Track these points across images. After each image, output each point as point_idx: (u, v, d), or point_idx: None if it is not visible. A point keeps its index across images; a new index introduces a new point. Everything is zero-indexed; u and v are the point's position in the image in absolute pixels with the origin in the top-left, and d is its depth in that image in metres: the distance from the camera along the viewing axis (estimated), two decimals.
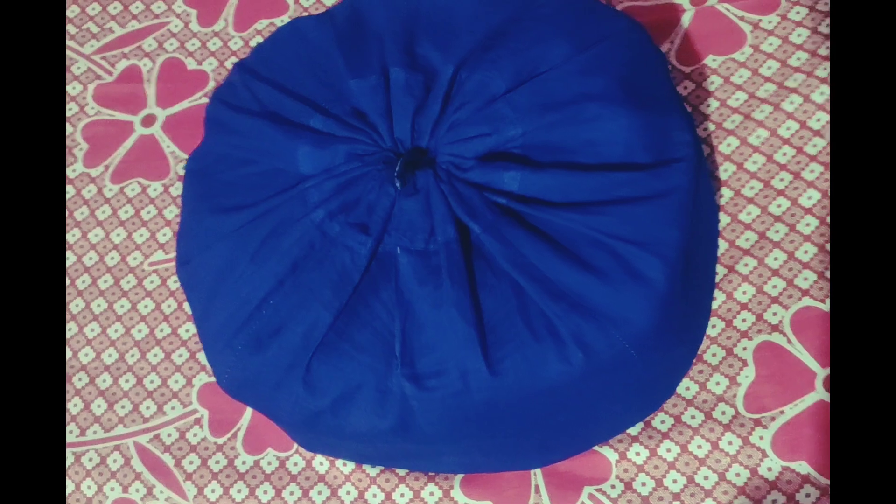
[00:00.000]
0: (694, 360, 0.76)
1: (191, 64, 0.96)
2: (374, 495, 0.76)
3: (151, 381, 0.84)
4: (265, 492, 0.78)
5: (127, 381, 0.85)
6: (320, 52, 0.68)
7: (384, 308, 0.61)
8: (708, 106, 0.86)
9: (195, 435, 0.82)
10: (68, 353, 0.86)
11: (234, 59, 0.96)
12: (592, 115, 0.62)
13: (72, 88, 0.99)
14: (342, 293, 0.61)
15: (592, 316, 0.59)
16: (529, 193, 0.61)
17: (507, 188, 0.62)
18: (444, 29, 0.67)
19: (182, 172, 0.91)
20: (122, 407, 0.84)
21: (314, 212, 0.63)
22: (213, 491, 0.80)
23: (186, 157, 0.91)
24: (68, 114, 0.97)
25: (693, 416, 0.75)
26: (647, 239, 0.60)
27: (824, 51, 0.85)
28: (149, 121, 0.95)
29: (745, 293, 0.78)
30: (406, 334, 0.60)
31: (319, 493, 0.78)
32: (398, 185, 0.60)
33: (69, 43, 1.01)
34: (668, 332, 0.62)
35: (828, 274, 0.77)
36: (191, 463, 0.81)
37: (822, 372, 0.74)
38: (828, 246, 0.78)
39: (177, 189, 0.91)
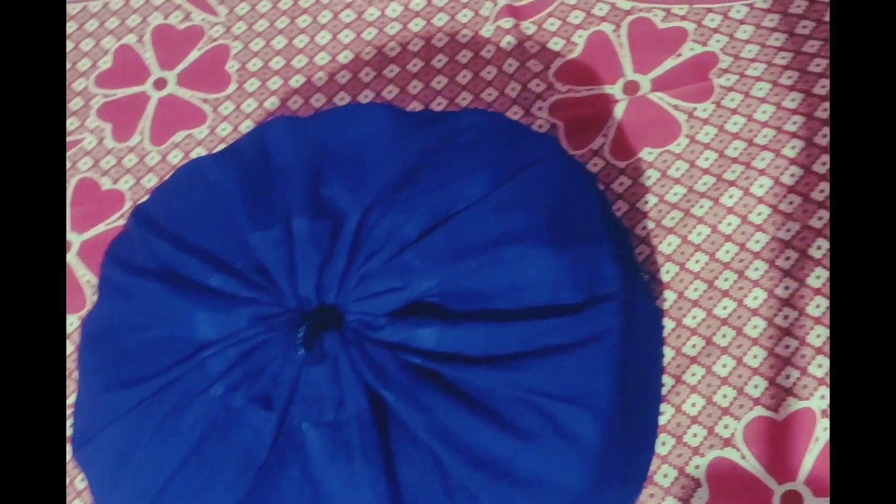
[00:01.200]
0: (644, 483, 0.72)
1: (105, 183, 0.92)
2: None
3: None
4: None
5: None
6: (222, 197, 0.64)
7: (294, 488, 0.56)
8: (645, 202, 0.83)
9: None
10: None
11: (151, 176, 0.91)
12: (513, 258, 0.58)
13: None
14: (246, 475, 0.56)
15: (520, 483, 0.55)
16: (447, 349, 0.57)
17: (423, 346, 0.57)
18: (354, 167, 0.63)
19: None
20: None
21: (214, 386, 0.58)
22: None
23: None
24: None
25: None
26: (577, 392, 0.56)
27: (761, 140, 0.82)
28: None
29: (694, 405, 0.75)
30: None
31: None
32: (301, 352, 0.56)
33: None
34: (605, 487, 0.58)
35: (778, 380, 0.74)
36: None
37: (778, 489, 0.71)
38: (777, 350, 0.75)
39: None
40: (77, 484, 0.79)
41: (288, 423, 0.58)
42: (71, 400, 0.81)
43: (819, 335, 0.75)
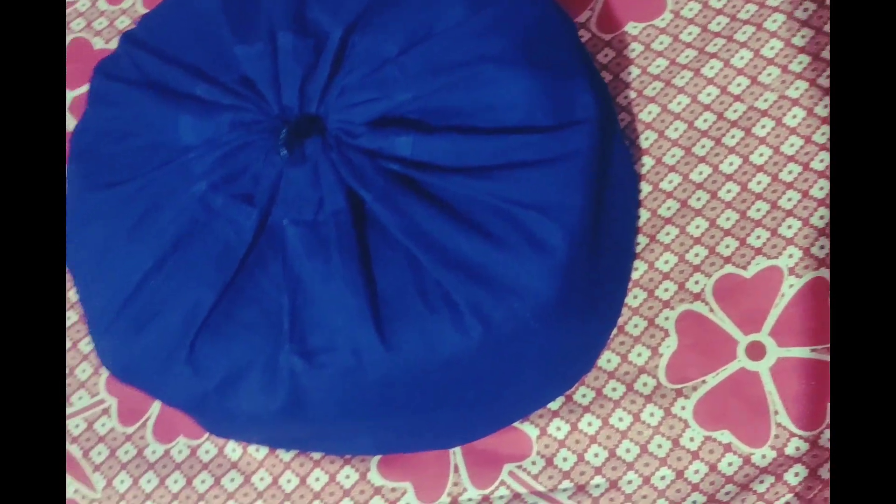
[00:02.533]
0: (615, 332, 0.74)
1: (98, 43, 0.93)
2: (289, 480, 0.74)
3: None
4: (175, 481, 0.76)
5: None
6: (207, 18, 0.65)
7: (272, 283, 0.58)
8: (629, 74, 0.85)
9: (103, 425, 0.79)
10: None
11: None
12: (490, 78, 0.60)
13: None
14: (226, 270, 0.58)
15: (491, 286, 0.57)
16: (423, 158, 0.59)
17: (400, 153, 0.59)
18: None
19: None
20: None
21: (196, 184, 0.60)
22: (121, 482, 0.77)
23: None
24: None
25: (614, 389, 0.73)
26: (547, 204, 0.57)
27: (744, 14, 0.84)
28: None
29: (666, 262, 0.77)
30: (295, 309, 0.57)
31: (232, 480, 0.75)
32: (284, 153, 0.57)
33: None
34: (571, 302, 0.60)
35: (749, 241, 0.76)
36: (99, 454, 0.78)
37: (743, 340, 0.73)
38: (749, 213, 0.77)
39: None
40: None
41: (269, 221, 0.59)
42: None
43: (790, 199, 0.77)
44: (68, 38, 0.93)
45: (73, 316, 0.82)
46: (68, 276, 0.83)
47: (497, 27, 0.61)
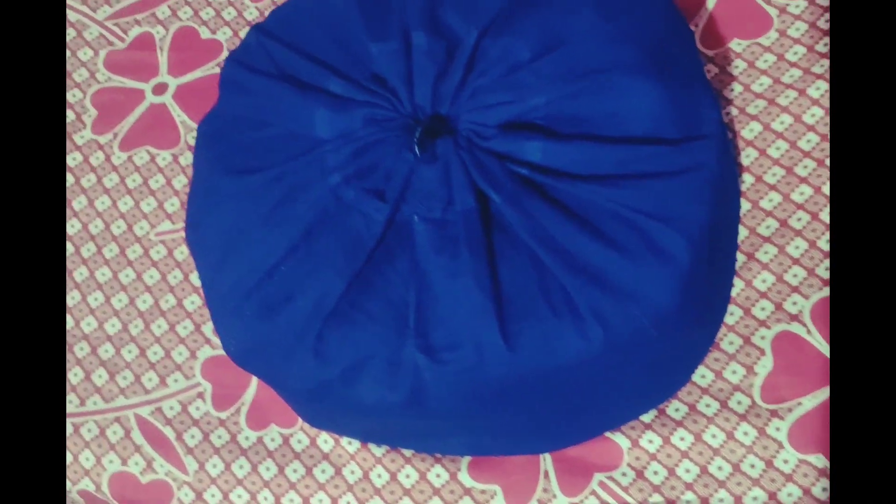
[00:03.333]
0: (710, 348, 0.74)
1: (204, 33, 0.94)
2: (379, 475, 0.75)
3: (155, 353, 0.83)
4: (267, 468, 0.77)
5: (129, 351, 0.83)
6: (340, 15, 0.66)
7: (399, 277, 0.59)
8: (731, 90, 0.85)
9: (197, 409, 0.80)
10: (70, 322, 0.85)
11: (248, 30, 0.94)
12: (619, 86, 0.60)
13: (83, 54, 0.97)
14: (356, 260, 0.59)
15: (612, 291, 0.57)
16: (552, 164, 0.59)
17: (529, 158, 0.60)
18: None
19: (193, 142, 0.89)
20: (124, 378, 0.82)
21: (330, 176, 0.61)
22: (214, 466, 0.78)
23: (197, 126, 0.90)
24: (78, 80, 0.95)
25: (708, 405, 0.73)
26: (672, 215, 0.58)
27: None
28: (160, 89, 0.93)
29: (764, 281, 0.76)
30: (421, 305, 0.58)
31: (323, 471, 0.76)
32: (417, 152, 0.58)
33: (81, 7, 0.99)
34: (689, 312, 0.60)
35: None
36: (192, 437, 0.79)
37: None
38: None
39: (186, 159, 0.89)
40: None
41: (398, 216, 0.60)
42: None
43: None
44: (175, 26, 0.95)
45: (171, 299, 0.84)
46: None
47: (629, 36, 0.61)
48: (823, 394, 0.72)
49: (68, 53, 0.96)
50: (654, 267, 0.57)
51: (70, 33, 0.98)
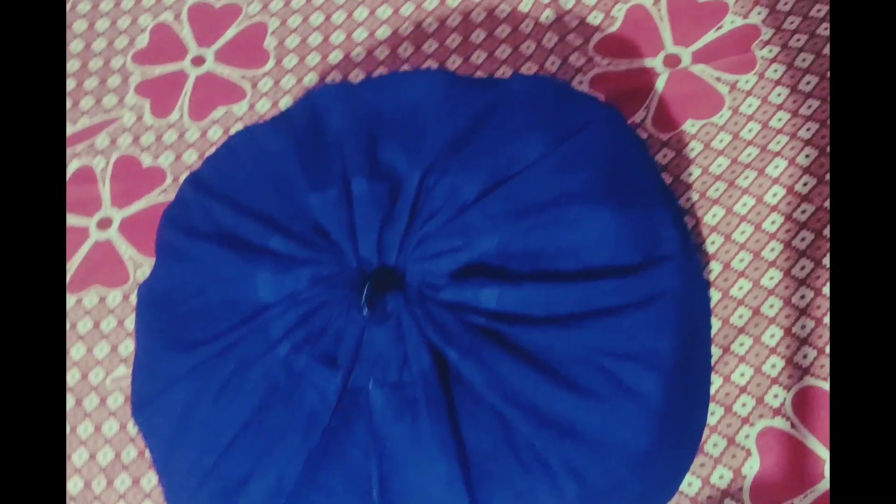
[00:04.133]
0: (696, 452, 0.72)
1: (146, 160, 0.92)
2: None
3: None
4: None
5: None
6: (277, 162, 0.64)
7: (358, 448, 0.56)
8: (690, 174, 0.83)
9: None
10: None
11: (191, 152, 0.91)
12: (573, 217, 0.58)
13: None
14: (312, 435, 0.56)
15: (584, 442, 0.54)
16: (509, 310, 0.57)
17: (485, 306, 0.57)
18: (409, 131, 0.63)
19: (141, 278, 0.86)
20: None
21: (278, 346, 0.58)
22: None
23: (146, 259, 0.87)
24: None
25: None
26: (640, 350, 0.55)
27: (805, 110, 0.82)
28: (104, 224, 0.90)
29: (742, 375, 0.74)
30: (384, 476, 0.55)
31: None
32: (366, 312, 0.56)
33: None
34: (667, 444, 0.57)
35: (828, 350, 0.73)
36: None
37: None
38: (826, 320, 0.74)
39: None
40: (123, 457, 0.79)
41: (352, 382, 0.57)
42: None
43: None
44: (115, 155, 0.92)
45: (132, 451, 0.80)
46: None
47: (578, 161, 0.59)
48: (815, 492, 0.70)
49: None
50: (625, 409, 0.55)
51: None
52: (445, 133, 0.62)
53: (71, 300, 0.87)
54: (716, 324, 0.76)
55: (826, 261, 0.76)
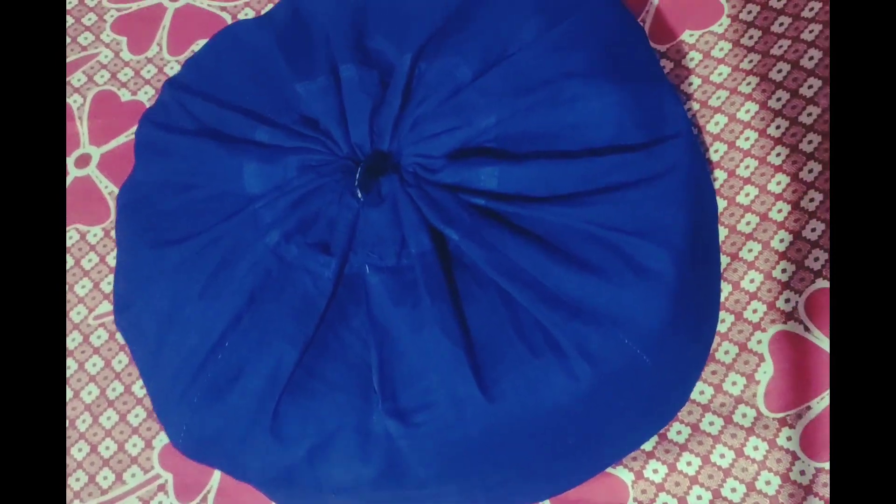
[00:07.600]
0: (706, 361, 0.69)
1: (124, 95, 0.88)
2: None
3: (107, 448, 0.75)
4: None
5: (80, 450, 0.76)
6: (260, 56, 0.60)
7: (356, 337, 0.53)
8: (690, 84, 0.80)
9: (160, 503, 0.73)
10: None
11: None
12: (574, 95, 0.55)
13: None
14: (307, 324, 0.53)
15: (596, 321, 0.51)
16: (510, 190, 0.54)
17: (485, 186, 0.54)
18: (397, 18, 0.59)
19: None
20: (77, 480, 0.75)
21: (268, 234, 0.55)
22: None
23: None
24: None
25: (712, 423, 0.68)
26: (650, 227, 0.52)
27: (808, 13, 0.79)
28: (83, 161, 0.87)
29: (752, 281, 0.71)
30: (384, 364, 0.52)
31: None
32: (360, 194, 0.52)
33: None
34: (681, 330, 0.54)
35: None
36: None
37: None
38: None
39: None
40: (109, 394, 0.76)
41: (348, 269, 0.54)
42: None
43: None
44: (92, 92, 0.89)
45: (118, 387, 0.77)
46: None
47: (577, 40, 0.56)
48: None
49: None
50: (637, 287, 0.51)
51: None
52: (434, 19, 0.59)
53: None
54: (723, 231, 0.73)
55: None
